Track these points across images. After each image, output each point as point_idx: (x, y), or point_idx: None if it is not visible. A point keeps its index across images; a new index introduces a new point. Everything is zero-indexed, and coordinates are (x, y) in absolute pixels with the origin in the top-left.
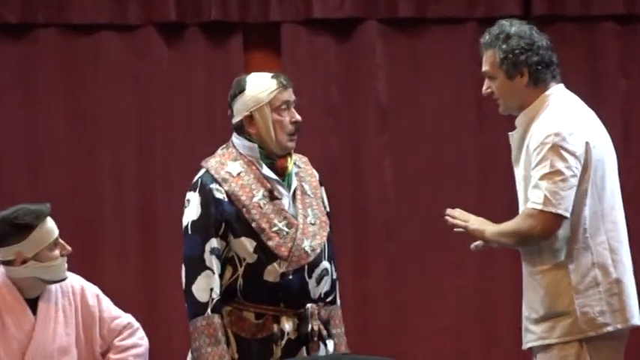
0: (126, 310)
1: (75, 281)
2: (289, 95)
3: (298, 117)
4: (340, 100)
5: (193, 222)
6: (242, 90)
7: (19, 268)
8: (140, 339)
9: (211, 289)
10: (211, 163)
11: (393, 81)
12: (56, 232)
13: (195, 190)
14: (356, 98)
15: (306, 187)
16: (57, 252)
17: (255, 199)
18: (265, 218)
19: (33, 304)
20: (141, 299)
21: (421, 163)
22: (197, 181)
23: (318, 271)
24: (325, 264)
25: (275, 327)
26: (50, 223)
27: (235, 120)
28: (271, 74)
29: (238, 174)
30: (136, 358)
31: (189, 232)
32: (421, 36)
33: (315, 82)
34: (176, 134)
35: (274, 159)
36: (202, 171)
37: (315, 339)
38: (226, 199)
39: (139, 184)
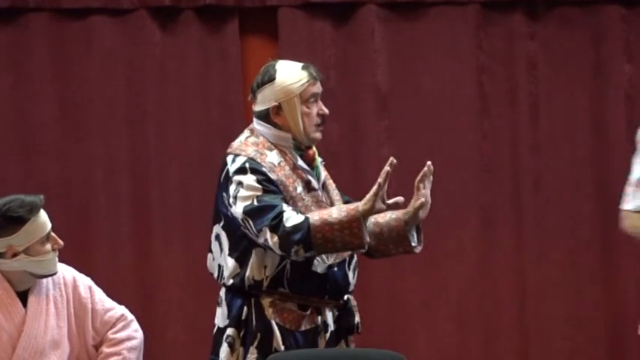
0: (119, 302)
1: (67, 272)
2: (318, 88)
3: (326, 110)
4: (338, 86)
5: (259, 197)
6: (271, 79)
7: (9, 261)
8: (134, 331)
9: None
10: (249, 152)
11: (392, 66)
12: (49, 226)
13: (246, 174)
14: (354, 83)
15: (325, 176)
16: (48, 246)
17: (297, 191)
18: (309, 210)
19: (23, 296)
20: (134, 290)
21: (421, 149)
22: (243, 166)
23: (353, 263)
24: (355, 255)
25: (318, 319)
26: (43, 216)
27: (260, 108)
28: (301, 65)
29: (279, 164)
30: (130, 350)
31: (257, 204)
32: (421, 19)
33: None
34: (170, 120)
35: (303, 150)
36: (244, 159)
37: (358, 332)
38: (275, 186)
39: (132, 171)
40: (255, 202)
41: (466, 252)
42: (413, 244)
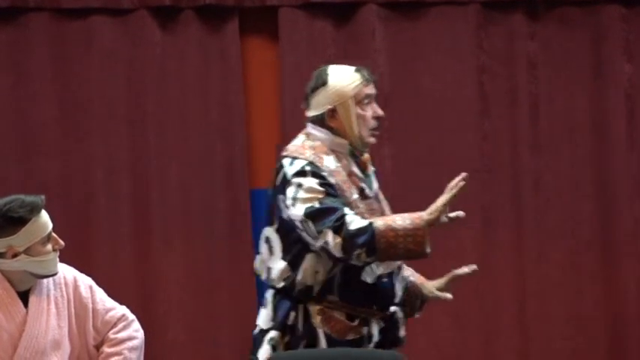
0: (120, 302)
1: (67, 272)
2: (372, 89)
3: (381, 112)
4: None
5: (320, 199)
6: (324, 83)
7: (9, 261)
8: (135, 331)
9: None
10: (308, 155)
11: (392, 66)
12: (50, 226)
13: (306, 177)
14: None
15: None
16: (49, 247)
17: (353, 197)
18: (363, 218)
19: (24, 296)
20: (135, 290)
21: (421, 149)
22: (303, 169)
23: (401, 274)
24: (402, 268)
25: (364, 330)
26: (44, 216)
27: (315, 112)
28: (354, 68)
29: (336, 168)
30: (131, 350)
31: (319, 206)
32: (421, 19)
33: (313, 67)
34: (170, 120)
35: (358, 157)
36: (303, 162)
37: (403, 344)
38: (334, 190)
39: (132, 170)
40: (317, 205)
41: (466, 252)
42: (415, 312)
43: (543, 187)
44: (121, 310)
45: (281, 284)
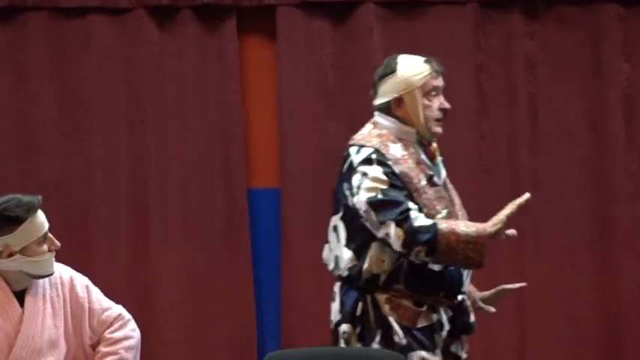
0: (117, 301)
1: (64, 272)
2: (440, 81)
3: (447, 104)
4: (337, 85)
5: (384, 190)
6: (393, 71)
7: (5, 261)
8: (132, 331)
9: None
10: (374, 143)
11: None
12: (46, 226)
13: (371, 165)
14: (352, 83)
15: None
16: (45, 247)
17: (421, 184)
18: (431, 204)
19: (20, 296)
20: (133, 289)
21: None
22: (370, 157)
23: None
24: None
25: (434, 316)
26: (41, 216)
27: (381, 101)
28: (423, 58)
29: (402, 157)
30: (128, 350)
31: (382, 197)
32: (420, 19)
33: (310, 67)
34: (168, 120)
35: (426, 145)
36: (369, 150)
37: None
38: (400, 181)
39: (131, 170)
40: (380, 195)
41: None
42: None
43: (542, 187)
44: (118, 309)
45: (347, 273)
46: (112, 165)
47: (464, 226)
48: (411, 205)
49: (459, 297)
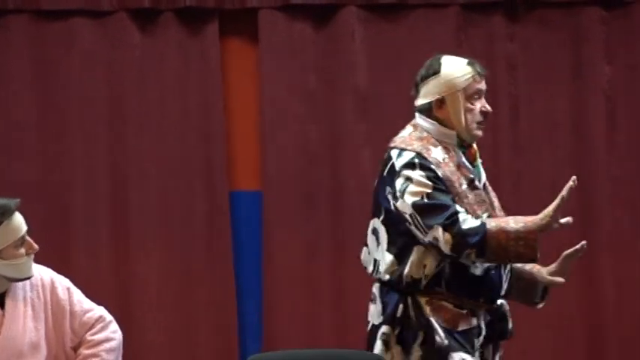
0: (98, 303)
1: (44, 274)
2: (483, 85)
3: (489, 107)
4: (318, 87)
5: (429, 194)
6: (436, 72)
7: None
8: (113, 332)
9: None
10: (416, 147)
11: (372, 68)
12: (24, 229)
13: (414, 169)
14: (334, 85)
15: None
16: (23, 250)
17: (462, 188)
18: (472, 208)
19: (0, 299)
20: (114, 291)
21: None
22: (412, 161)
23: (508, 267)
24: None
25: (474, 320)
26: (18, 219)
27: (423, 102)
28: (467, 60)
29: (443, 160)
30: (109, 352)
31: (428, 201)
32: (402, 21)
33: (292, 69)
34: (150, 122)
35: (466, 147)
36: (412, 154)
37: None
38: (443, 184)
39: (112, 172)
40: (426, 199)
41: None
42: (536, 300)
43: (523, 188)
44: (99, 311)
45: (387, 277)
46: (92, 167)
47: (513, 222)
48: (458, 207)
49: (498, 302)
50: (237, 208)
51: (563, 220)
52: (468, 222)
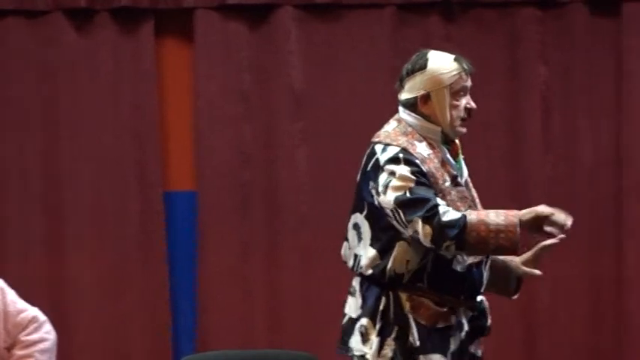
0: (32, 303)
1: None
2: (469, 81)
3: (473, 104)
4: (253, 87)
5: (411, 188)
6: (422, 67)
7: None
8: (47, 333)
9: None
10: (401, 142)
11: (308, 68)
12: None
13: (399, 164)
14: (270, 85)
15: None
16: None
17: (446, 184)
18: (454, 205)
19: None
20: (47, 291)
21: (336, 151)
22: (397, 156)
23: (488, 264)
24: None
25: (453, 318)
26: None
27: (408, 96)
28: (454, 56)
29: (428, 156)
30: (42, 353)
31: (410, 196)
32: (337, 22)
33: (228, 69)
34: (83, 122)
35: (449, 144)
36: (396, 149)
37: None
38: (427, 179)
39: (45, 172)
40: (408, 194)
41: None
42: (510, 290)
43: None
44: (33, 311)
45: (369, 272)
46: (25, 167)
47: (494, 215)
48: (439, 200)
49: (478, 298)
50: (171, 208)
51: (548, 229)
52: (448, 214)
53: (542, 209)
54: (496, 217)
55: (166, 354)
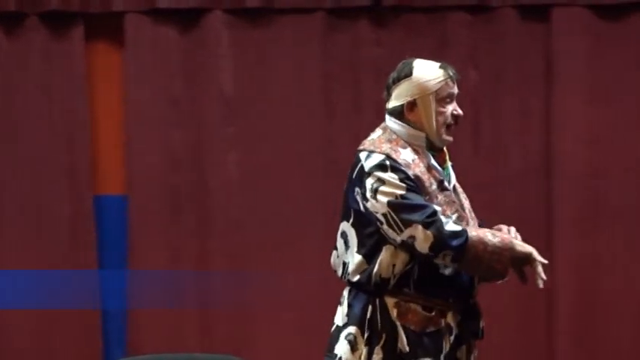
0: None
1: None
2: (455, 88)
3: (460, 111)
4: (184, 92)
5: (402, 195)
6: (408, 75)
7: None
8: None
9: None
10: (384, 149)
11: (238, 72)
12: None
13: (386, 171)
14: (200, 90)
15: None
16: None
17: (432, 188)
18: (442, 209)
19: None
20: None
21: (268, 156)
22: (383, 163)
23: None
24: None
25: (442, 321)
26: None
27: (394, 104)
28: (439, 64)
29: (413, 161)
30: None
31: (404, 201)
32: (268, 26)
33: (158, 73)
34: (13, 126)
35: (435, 150)
36: (381, 156)
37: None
38: (415, 184)
39: None
40: (401, 199)
41: (309, 259)
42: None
43: None
44: None
45: (356, 277)
46: None
47: (491, 235)
48: (436, 207)
49: (472, 301)
50: (102, 212)
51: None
52: (450, 225)
53: (537, 254)
54: (492, 237)
55: (97, 358)
